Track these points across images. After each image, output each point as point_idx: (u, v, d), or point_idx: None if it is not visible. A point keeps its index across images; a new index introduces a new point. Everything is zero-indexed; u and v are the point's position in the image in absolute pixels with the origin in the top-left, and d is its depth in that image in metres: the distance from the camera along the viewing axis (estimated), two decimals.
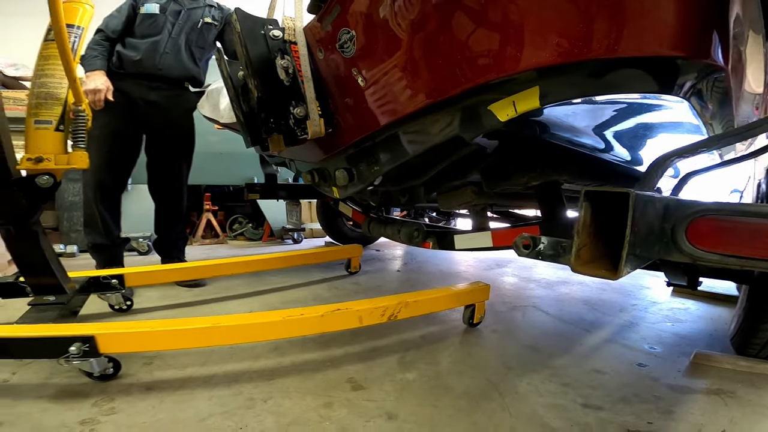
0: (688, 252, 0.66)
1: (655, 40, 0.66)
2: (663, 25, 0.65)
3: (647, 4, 0.66)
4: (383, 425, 1.03)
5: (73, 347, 1.03)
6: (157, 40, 2.11)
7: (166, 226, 2.32)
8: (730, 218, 0.65)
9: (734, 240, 0.65)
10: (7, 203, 1.14)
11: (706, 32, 0.65)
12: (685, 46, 0.64)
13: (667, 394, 1.22)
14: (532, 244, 0.79)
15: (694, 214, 0.66)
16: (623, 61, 0.72)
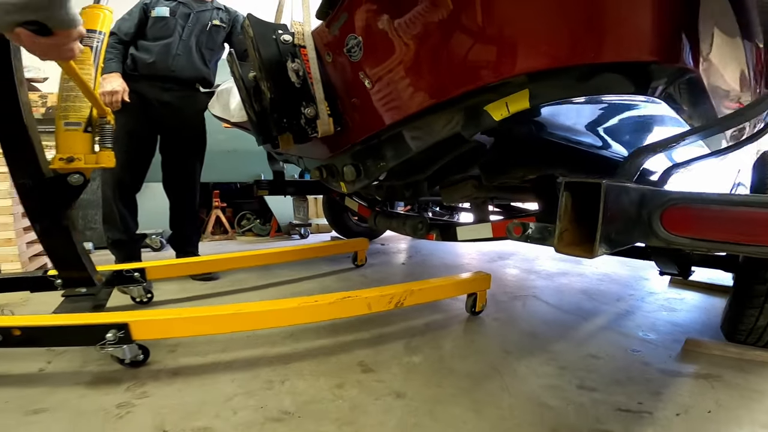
0: (663, 237, 0.74)
1: (630, 48, 0.74)
2: (637, 34, 0.73)
3: (623, 16, 0.74)
4: (392, 403, 1.12)
5: (110, 334, 1.12)
6: (168, 43, 2.20)
7: (180, 223, 2.42)
8: (699, 206, 0.73)
9: (702, 225, 0.73)
10: (42, 200, 1.23)
11: (676, 39, 0.72)
12: (657, 52, 0.72)
13: (658, 377, 1.29)
14: (523, 229, 0.88)
15: (667, 203, 0.74)
16: (602, 66, 0.80)
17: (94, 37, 1.34)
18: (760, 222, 0.70)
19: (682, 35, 0.73)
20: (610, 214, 0.68)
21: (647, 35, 0.73)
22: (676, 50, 0.72)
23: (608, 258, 2.91)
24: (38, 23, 0.85)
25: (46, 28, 0.86)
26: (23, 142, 1.17)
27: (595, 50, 0.77)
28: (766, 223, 0.70)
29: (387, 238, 3.84)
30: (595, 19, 0.77)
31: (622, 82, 0.80)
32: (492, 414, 1.07)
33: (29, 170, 1.19)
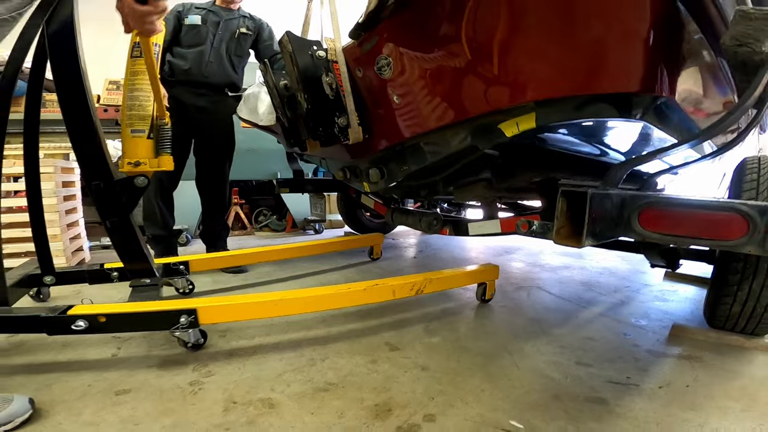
0: (639, 232, 0.95)
1: (615, 82, 0.95)
2: (620, 72, 0.93)
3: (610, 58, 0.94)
4: (419, 374, 1.31)
5: (182, 318, 1.29)
6: (202, 50, 2.37)
7: (211, 219, 2.61)
8: (668, 208, 0.94)
9: (670, 223, 0.94)
10: (112, 200, 1.40)
11: (654, 72, 0.91)
12: (637, 84, 0.92)
13: (645, 357, 1.46)
14: (528, 226, 1.08)
15: (642, 206, 0.95)
16: (594, 97, 1.01)
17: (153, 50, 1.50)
18: (714, 221, 0.91)
19: (659, 69, 0.92)
20: (595, 215, 0.88)
21: (630, 71, 0.92)
22: (654, 81, 0.92)
23: (609, 253, 3.10)
24: None
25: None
26: (96, 147, 1.34)
27: (589, 84, 0.98)
28: (719, 222, 0.90)
29: (397, 233, 4.03)
30: (589, 59, 0.98)
31: (609, 109, 1.01)
32: (504, 384, 1.27)
33: (101, 173, 1.36)
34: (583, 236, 0.85)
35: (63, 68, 1.27)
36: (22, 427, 0.99)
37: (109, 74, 3.45)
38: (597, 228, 0.89)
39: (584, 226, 0.85)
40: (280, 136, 2.53)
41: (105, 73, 3.46)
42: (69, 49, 1.24)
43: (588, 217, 0.85)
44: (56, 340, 1.47)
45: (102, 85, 3.58)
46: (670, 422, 1.08)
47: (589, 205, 0.86)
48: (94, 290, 2.04)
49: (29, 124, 1.40)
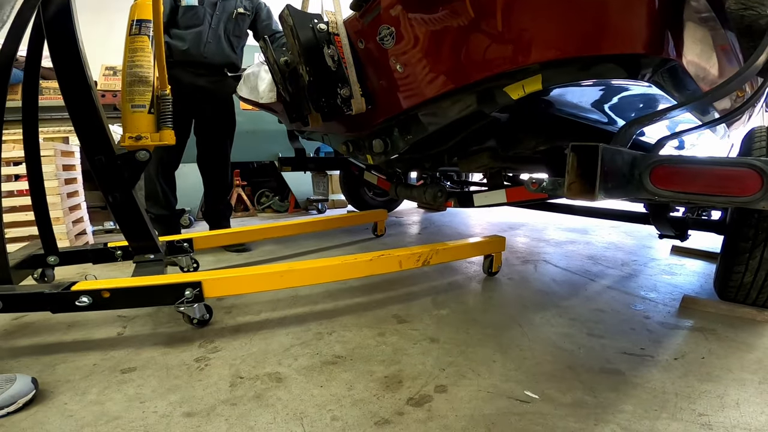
0: (651, 190, 0.93)
1: (623, 42, 0.91)
2: (629, 31, 0.90)
3: (618, 17, 0.91)
4: (428, 346, 1.30)
5: (187, 291, 1.27)
6: (200, 31, 2.31)
7: (214, 199, 2.59)
8: (680, 166, 0.91)
9: (682, 181, 0.91)
10: (113, 175, 1.38)
11: (662, 35, 0.88)
12: (645, 46, 0.89)
13: (658, 329, 1.44)
14: (538, 183, 1.06)
15: (653, 164, 0.92)
16: (601, 58, 0.97)
17: (150, 27, 1.46)
18: (728, 177, 0.89)
19: (667, 31, 0.89)
20: (607, 169, 0.86)
21: (637, 32, 0.89)
22: (661, 43, 0.88)
23: (614, 229, 3.08)
24: None
25: None
26: (96, 122, 1.31)
27: (596, 44, 0.95)
28: (733, 178, 0.88)
29: (401, 211, 4.01)
30: (595, 19, 0.94)
31: (616, 70, 0.98)
32: (516, 355, 1.25)
33: (102, 147, 1.34)
34: (596, 188, 0.83)
35: (61, 47, 1.24)
36: (26, 408, 0.98)
37: (105, 60, 3.40)
38: (609, 183, 0.87)
39: (597, 177, 0.83)
40: (281, 114, 2.48)
41: (101, 60, 3.41)
42: (66, 26, 1.22)
43: (600, 170, 0.83)
44: (61, 321, 1.46)
45: (99, 71, 3.54)
46: (688, 393, 1.07)
47: (600, 158, 0.83)
48: (99, 270, 2.03)
49: (27, 106, 1.37)
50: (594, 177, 0.85)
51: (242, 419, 0.95)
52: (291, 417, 0.96)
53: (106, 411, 0.98)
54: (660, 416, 0.97)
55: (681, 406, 1.01)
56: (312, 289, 1.76)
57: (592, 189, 0.86)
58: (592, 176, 0.85)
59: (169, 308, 1.48)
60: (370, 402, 1.01)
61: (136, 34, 1.44)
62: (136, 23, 1.46)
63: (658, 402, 1.03)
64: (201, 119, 2.45)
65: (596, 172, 0.84)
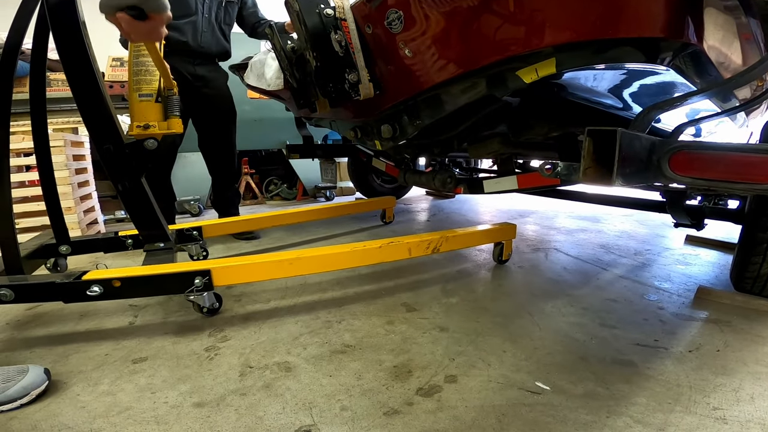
0: (670, 176, 0.90)
1: (642, 26, 0.87)
2: (648, 13, 0.86)
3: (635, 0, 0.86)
4: (437, 335, 1.29)
5: (197, 280, 1.27)
6: (194, 20, 2.29)
7: (222, 186, 2.59)
8: (700, 151, 0.88)
9: (702, 167, 0.89)
10: (122, 164, 1.37)
11: (681, 18, 0.84)
12: (664, 29, 0.84)
13: (672, 320, 1.41)
14: (553, 168, 1.03)
15: (673, 149, 0.89)
16: (618, 41, 0.93)
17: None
18: (749, 163, 0.86)
19: (687, 15, 0.84)
20: (625, 155, 0.83)
21: (656, 15, 0.85)
22: (680, 27, 0.84)
23: (626, 218, 3.02)
24: (137, 8, 0.96)
25: (143, 13, 0.98)
26: (103, 111, 1.30)
27: (613, 27, 0.90)
28: (755, 165, 0.85)
29: (409, 198, 3.98)
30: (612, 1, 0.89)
31: (634, 54, 0.94)
32: (527, 344, 1.24)
33: (110, 136, 1.33)
34: (614, 173, 0.81)
35: (67, 38, 1.22)
36: (39, 399, 0.99)
37: (111, 51, 3.39)
38: (626, 169, 0.84)
39: (614, 162, 0.81)
40: (289, 101, 2.45)
41: (107, 51, 3.40)
42: (70, 15, 1.19)
43: (618, 155, 0.80)
44: (74, 311, 1.48)
45: (105, 62, 3.53)
46: (703, 386, 1.05)
47: (618, 143, 0.80)
48: (110, 259, 2.05)
49: (35, 98, 1.37)
50: (611, 162, 0.82)
51: (251, 409, 0.95)
52: (300, 407, 0.96)
53: (117, 401, 0.98)
54: (674, 409, 0.95)
55: (695, 400, 0.99)
56: (321, 277, 1.76)
57: (609, 174, 0.83)
58: (609, 161, 0.83)
59: (179, 297, 1.48)
60: (379, 392, 1.01)
61: None
62: None
63: (672, 395, 1.01)
64: (204, 108, 2.44)
65: (614, 157, 0.82)
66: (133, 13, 0.99)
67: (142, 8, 0.99)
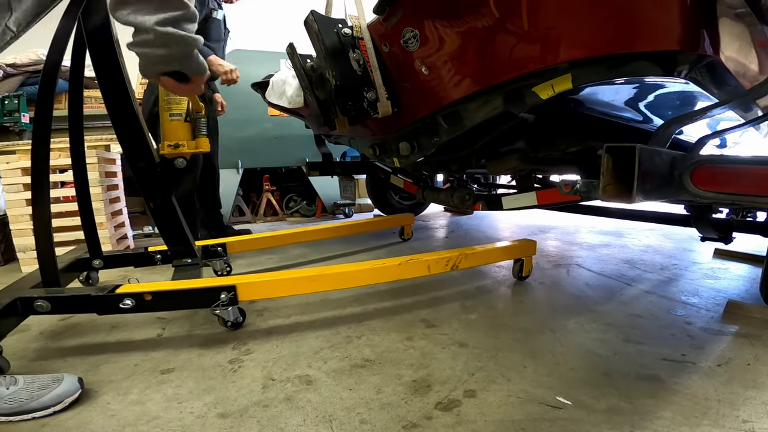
0: (693, 192, 0.89)
1: (657, 39, 0.88)
2: (663, 27, 0.87)
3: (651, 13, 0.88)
4: (457, 350, 1.29)
5: (223, 295, 1.31)
6: (222, 45, 2.44)
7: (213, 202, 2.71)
8: (723, 166, 0.87)
9: (726, 181, 0.88)
10: (154, 182, 1.44)
11: (696, 30, 0.85)
12: (680, 42, 0.86)
13: (700, 334, 1.37)
14: (572, 185, 1.03)
15: (695, 164, 0.88)
16: (634, 55, 0.94)
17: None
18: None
19: (702, 27, 0.86)
20: (645, 170, 0.83)
21: (671, 28, 0.86)
22: (696, 40, 0.85)
23: (651, 232, 2.96)
24: (179, 72, 1.07)
25: (185, 76, 1.09)
26: (137, 131, 1.38)
27: (628, 41, 0.92)
28: None
29: (428, 214, 3.99)
30: (626, 16, 0.91)
31: (651, 67, 0.94)
32: (548, 360, 1.22)
33: (143, 155, 1.40)
34: (634, 190, 0.81)
35: (102, 58, 1.29)
36: (72, 407, 1.02)
37: None
38: (647, 185, 0.84)
39: (634, 180, 0.81)
40: (309, 119, 2.52)
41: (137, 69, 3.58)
42: (106, 38, 1.27)
43: (638, 171, 0.80)
44: (105, 321, 1.53)
45: (135, 80, 3.70)
46: (732, 399, 1.02)
47: (638, 159, 0.80)
48: (139, 273, 2.12)
49: (73, 115, 1.44)
50: (631, 178, 0.83)
51: (273, 421, 0.97)
52: (320, 419, 0.97)
53: (146, 411, 1.02)
54: (701, 423, 0.93)
55: (723, 413, 0.96)
56: (341, 293, 1.78)
57: (629, 191, 0.83)
58: (629, 178, 0.83)
59: (204, 310, 1.52)
60: (398, 406, 1.01)
61: None
62: None
63: (700, 408, 0.98)
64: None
65: (633, 173, 0.82)
66: (176, 76, 1.08)
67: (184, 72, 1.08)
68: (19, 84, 3.24)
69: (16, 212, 2.33)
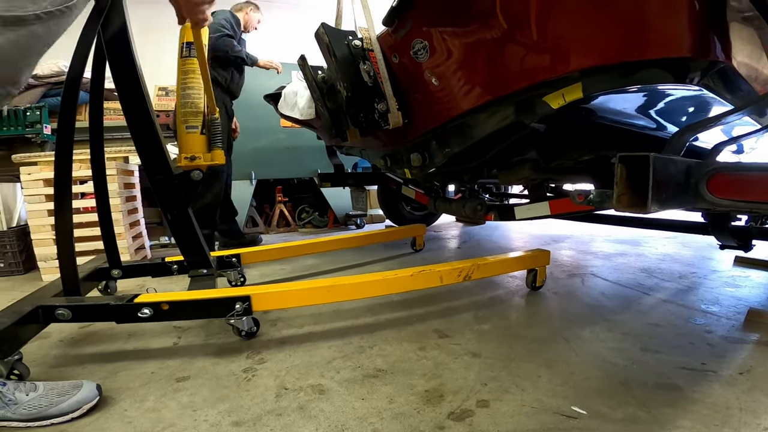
0: (709, 200, 0.88)
1: (667, 46, 0.88)
2: (672, 34, 0.87)
3: (660, 21, 0.88)
4: (470, 360, 1.28)
5: (237, 305, 1.33)
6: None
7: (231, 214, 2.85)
8: (737, 173, 0.86)
9: (743, 189, 0.86)
10: (171, 194, 1.48)
11: (706, 37, 0.85)
12: (691, 49, 0.85)
13: (720, 343, 1.35)
14: (585, 196, 1.02)
15: (711, 172, 0.87)
16: (645, 63, 0.94)
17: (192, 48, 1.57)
18: None
19: (712, 33, 0.85)
20: (659, 179, 0.82)
21: (681, 35, 0.86)
22: (707, 46, 0.85)
23: (669, 240, 2.91)
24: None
25: None
26: (156, 145, 1.42)
27: (638, 49, 0.92)
28: None
29: (439, 225, 3.98)
30: (635, 24, 0.92)
31: (662, 75, 0.94)
32: (563, 369, 1.20)
33: (161, 167, 1.44)
34: (648, 200, 0.80)
35: (122, 72, 1.33)
36: (89, 414, 1.04)
37: (157, 81, 3.65)
38: (662, 194, 0.83)
39: (648, 189, 0.80)
40: (320, 130, 2.56)
41: (154, 80, 3.67)
42: (126, 52, 1.31)
43: (652, 181, 0.79)
44: (123, 330, 1.56)
45: (152, 91, 3.79)
46: (754, 408, 0.99)
47: (652, 169, 0.80)
48: (156, 283, 2.16)
49: (94, 127, 1.48)
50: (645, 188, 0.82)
51: (286, 430, 0.97)
52: (333, 429, 0.97)
53: (161, 418, 1.03)
54: (722, 431, 0.91)
55: (745, 421, 0.94)
56: (354, 304, 1.78)
57: (643, 201, 0.83)
58: (644, 187, 0.82)
59: (219, 320, 1.54)
60: (410, 415, 1.01)
61: (187, 56, 1.54)
62: (186, 46, 1.55)
63: (720, 417, 0.96)
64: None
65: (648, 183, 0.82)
66: None
67: None
68: (41, 95, 3.24)
69: (37, 222, 2.40)
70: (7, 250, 2.59)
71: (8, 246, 2.58)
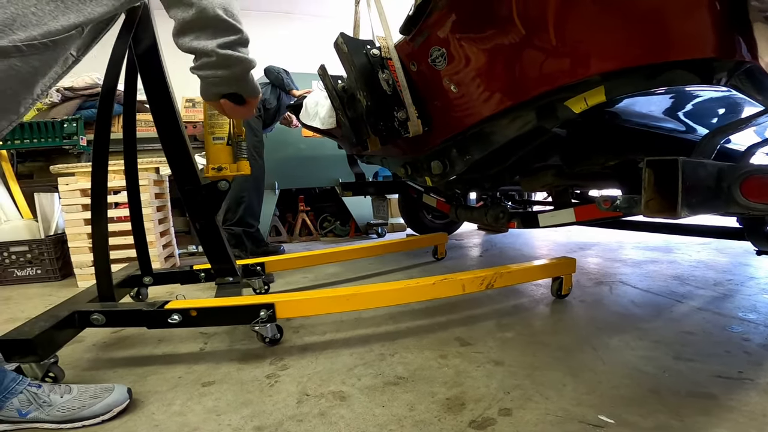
0: (743, 204, 0.84)
1: (691, 47, 0.86)
2: (695, 34, 0.85)
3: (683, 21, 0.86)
4: (492, 369, 1.25)
5: (262, 312, 1.35)
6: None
7: None
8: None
9: None
10: (199, 204, 1.52)
11: (730, 36, 0.82)
12: (715, 50, 0.83)
13: (758, 351, 1.29)
14: (611, 202, 0.99)
15: (744, 174, 0.84)
16: (669, 64, 0.91)
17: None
18: None
19: (736, 32, 0.83)
20: (689, 184, 0.79)
21: (705, 36, 0.83)
22: (732, 46, 0.82)
23: (702, 246, 2.80)
24: (237, 95, 1.15)
25: (242, 98, 1.17)
26: (185, 156, 1.47)
27: (661, 51, 0.89)
28: None
29: (461, 233, 3.95)
30: (656, 25, 0.89)
31: (688, 76, 0.91)
32: (589, 378, 1.17)
33: (190, 178, 1.49)
34: (678, 205, 0.78)
35: (153, 84, 1.38)
36: (119, 416, 1.08)
37: (185, 92, 3.76)
38: (693, 199, 0.81)
39: (678, 194, 0.77)
40: (341, 139, 2.59)
41: (181, 92, 3.80)
42: (156, 64, 1.36)
43: (681, 185, 0.77)
44: (153, 335, 1.61)
45: (180, 103, 3.92)
46: None
47: (681, 173, 0.77)
48: (183, 290, 2.22)
49: (127, 139, 1.53)
50: (675, 193, 0.80)
51: None
52: None
53: (187, 422, 1.05)
54: None
55: None
56: (375, 312, 1.78)
57: (673, 206, 0.80)
58: (673, 192, 0.80)
59: (244, 326, 1.57)
60: (431, 423, 1.00)
61: None
62: None
63: (757, 425, 0.92)
64: None
65: (677, 187, 0.79)
66: (234, 99, 1.17)
67: (241, 95, 1.17)
68: (76, 107, 3.34)
69: (74, 231, 2.52)
70: (45, 258, 2.72)
71: (46, 253, 2.72)
